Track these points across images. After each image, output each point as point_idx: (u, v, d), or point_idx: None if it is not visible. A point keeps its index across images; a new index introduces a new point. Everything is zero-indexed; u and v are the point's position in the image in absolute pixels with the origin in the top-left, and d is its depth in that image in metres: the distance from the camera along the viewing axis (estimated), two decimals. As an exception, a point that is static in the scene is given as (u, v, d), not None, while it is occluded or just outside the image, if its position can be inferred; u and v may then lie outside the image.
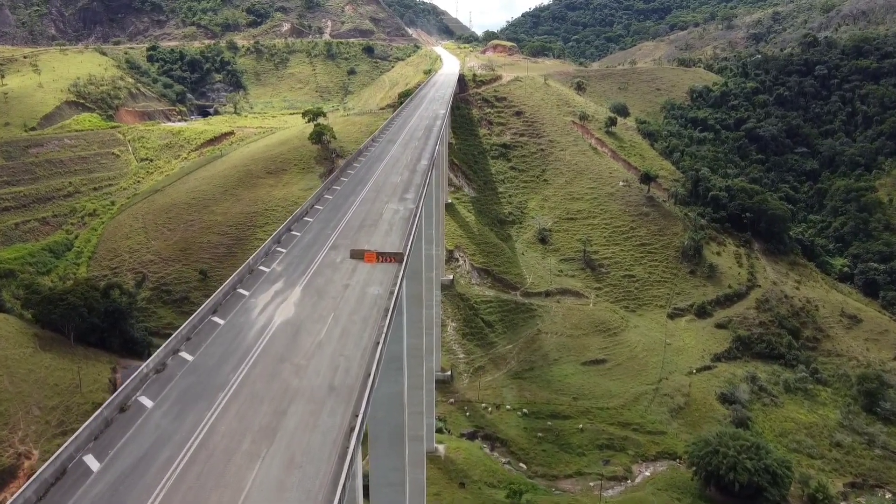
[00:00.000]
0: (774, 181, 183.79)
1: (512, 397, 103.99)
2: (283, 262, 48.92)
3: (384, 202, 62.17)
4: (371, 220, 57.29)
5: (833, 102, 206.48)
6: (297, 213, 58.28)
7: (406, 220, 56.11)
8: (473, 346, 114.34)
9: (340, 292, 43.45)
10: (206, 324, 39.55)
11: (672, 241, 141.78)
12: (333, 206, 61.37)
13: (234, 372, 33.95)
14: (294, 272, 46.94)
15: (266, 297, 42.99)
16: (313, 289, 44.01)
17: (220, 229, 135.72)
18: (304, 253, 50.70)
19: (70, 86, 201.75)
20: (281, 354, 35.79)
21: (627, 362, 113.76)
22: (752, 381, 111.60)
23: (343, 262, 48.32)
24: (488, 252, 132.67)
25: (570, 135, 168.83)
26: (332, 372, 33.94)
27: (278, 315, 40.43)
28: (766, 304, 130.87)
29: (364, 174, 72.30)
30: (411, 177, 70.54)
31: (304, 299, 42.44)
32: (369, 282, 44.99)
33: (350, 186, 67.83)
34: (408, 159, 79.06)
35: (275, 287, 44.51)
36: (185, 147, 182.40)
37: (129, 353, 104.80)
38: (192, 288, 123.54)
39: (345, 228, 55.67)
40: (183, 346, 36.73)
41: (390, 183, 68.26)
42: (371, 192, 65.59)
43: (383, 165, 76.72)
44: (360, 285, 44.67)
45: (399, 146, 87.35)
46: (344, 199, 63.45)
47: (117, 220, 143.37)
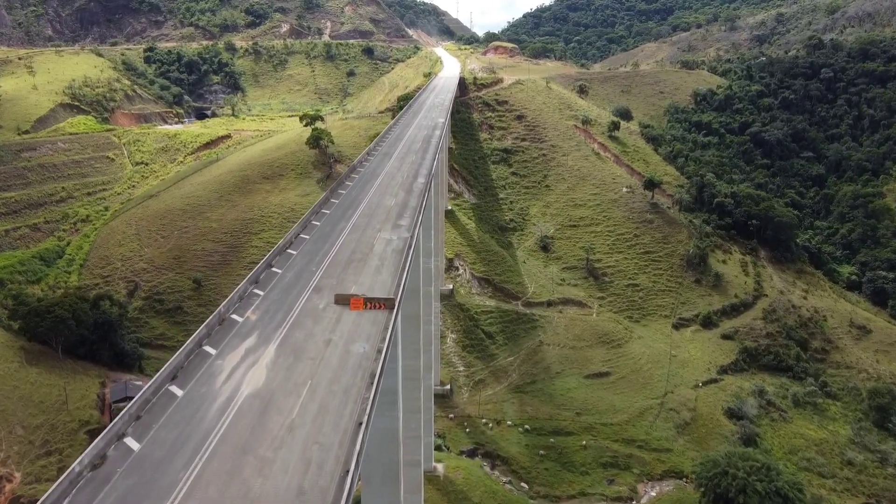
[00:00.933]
0: (780, 186, 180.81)
1: (513, 412, 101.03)
2: (258, 309, 43.47)
3: (376, 230, 57.75)
4: (361, 254, 52.67)
5: (839, 106, 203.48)
6: (281, 245, 53.47)
7: (399, 254, 51.87)
8: (474, 358, 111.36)
9: (320, 351, 38.07)
10: (161, 396, 33.85)
11: (677, 249, 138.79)
12: (321, 235, 56.66)
13: (186, 468, 28.61)
14: (270, 323, 41.48)
15: (235, 357, 37.43)
16: (290, 346, 38.55)
17: (215, 236, 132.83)
18: (283, 297, 45.31)
19: (65, 88, 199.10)
20: (244, 442, 30.41)
21: (632, 375, 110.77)
22: (759, 395, 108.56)
23: (326, 310, 42.83)
24: (489, 260, 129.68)
25: (572, 139, 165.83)
26: (304, 468, 28.76)
27: (246, 383, 34.86)
28: (774, 314, 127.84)
29: (356, 195, 67.87)
30: (407, 198, 66.42)
31: (278, 361, 37.05)
32: (354, 336, 39.78)
33: (340, 210, 63.39)
34: (404, 176, 75.05)
35: (246, 344, 38.82)
36: (181, 151, 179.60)
37: (119, 366, 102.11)
38: (185, 297, 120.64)
39: (331, 264, 50.60)
40: (130, 429, 31.26)
41: (384, 206, 63.97)
42: (363, 217, 61.36)
43: (378, 184, 72.62)
44: (343, 341, 39.24)
45: (395, 160, 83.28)
46: (333, 225, 58.88)
47: (110, 227, 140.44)
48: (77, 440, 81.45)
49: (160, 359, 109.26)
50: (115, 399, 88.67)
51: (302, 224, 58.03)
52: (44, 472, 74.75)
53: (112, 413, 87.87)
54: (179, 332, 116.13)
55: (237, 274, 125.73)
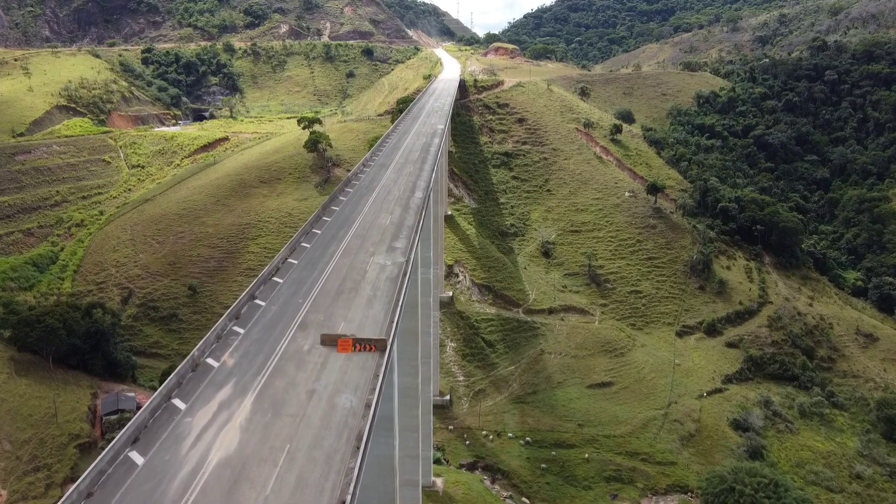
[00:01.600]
0: (784, 190, 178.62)
1: (514, 424, 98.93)
2: (237, 352, 38.44)
3: (369, 253, 53.79)
4: (352, 282, 48.27)
5: (843, 108, 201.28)
6: (265, 273, 48.85)
7: (394, 282, 47.86)
8: (474, 367, 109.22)
9: (302, 405, 33.43)
10: (119, 465, 29.59)
11: (680, 255, 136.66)
12: (310, 261, 52.13)
13: None
14: (248, 369, 36.74)
15: (206, 413, 32.95)
16: (268, 399, 33.94)
17: (211, 242, 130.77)
18: (265, 335, 40.49)
19: (61, 89, 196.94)
20: None
21: (635, 385, 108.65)
22: (765, 406, 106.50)
23: (312, 352, 38.23)
24: (489, 267, 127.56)
25: (574, 143, 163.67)
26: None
27: (217, 448, 30.38)
28: (779, 321, 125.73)
29: (350, 212, 63.72)
30: (403, 216, 62.35)
31: (255, 418, 32.67)
32: (341, 385, 35.20)
33: (332, 229, 59.20)
34: (400, 190, 71.31)
35: (220, 395, 34.21)
36: (178, 153, 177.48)
37: (111, 376, 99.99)
38: (180, 304, 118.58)
39: (319, 295, 46.03)
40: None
41: (378, 225, 59.93)
42: (356, 238, 57.23)
43: (373, 199, 68.63)
44: (328, 391, 34.62)
45: (392, 171, 79.81)
46: (323, 248, 54.64)
47: (105, 232, 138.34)
48: (66, 455, 79.36)
49: (154, 367, 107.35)
50: (107, 412, 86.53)
51: (290, 247, 54.33)
52: (31, 489, 72.69)
53: (103, 426, 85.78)
54: (174, 340, 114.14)
55: (233, 280, 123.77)
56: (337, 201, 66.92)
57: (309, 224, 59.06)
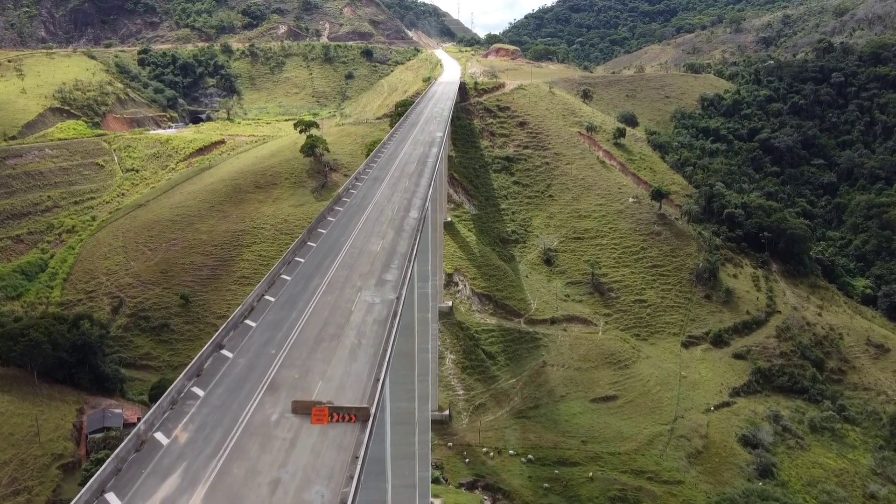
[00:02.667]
0: (790, 195, 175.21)
1: (515, 440, 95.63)
2: (192, 423, 31.75)
3: (356, 288, 47.84)
4: (335, 327, 42.09)
5: (851, 111, 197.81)
6: (237, 315, 42.15)
7: (382, 325, 42.02)
8: (474, 380, 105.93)
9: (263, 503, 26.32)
10: None
11: (685, 263, 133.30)
12: (289, 298, 46.01)
13: None
14: (204, 448, 29.79)
15: None
16: (223, 495, 26.50)
17: (205, 249, 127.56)
18: (227, 400, 33.68)
19: (55, 91, 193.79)
20: None
21: (640, 399, 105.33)
22: (774, 421, 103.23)
23: (280, 424, 31.75)
24: (490, 275, 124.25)
25: (576, 147, 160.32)
26: None
27: None
28: (787, 332, 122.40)
29: (338, 236, 57.90)
30: (396, 240, 56.65)
31: None
32: (312, 473, 27.93)
33: (317, 258, 53.19)
34: (394, 209, 65.82)
35: (164, 489, 26.74)
36: (173, 157, 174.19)
37: (99, 390, 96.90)
38: (172, 314, 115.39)
39: (296, 344, 39.64)
40: None
41: (368, 252, 54.22)
42: (342, 268, 51.27)
43: (364, 219, 62.86)
44: (296, 482, 27.32)
45: (387, 186, 74.19)
46: (305, 282, 48.52)
47: (96, 238, 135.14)
48: (48, 476, 76.20)
49: (144, 380, 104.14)
50: (92, 430, 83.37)
51: (269, 280, 48.17)
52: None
53: (88, 444, 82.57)
54: (165, 351, 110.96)
55: (227, 289, 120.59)
56: (325, 222, 61.68)
57: (292, 251, 53.70)
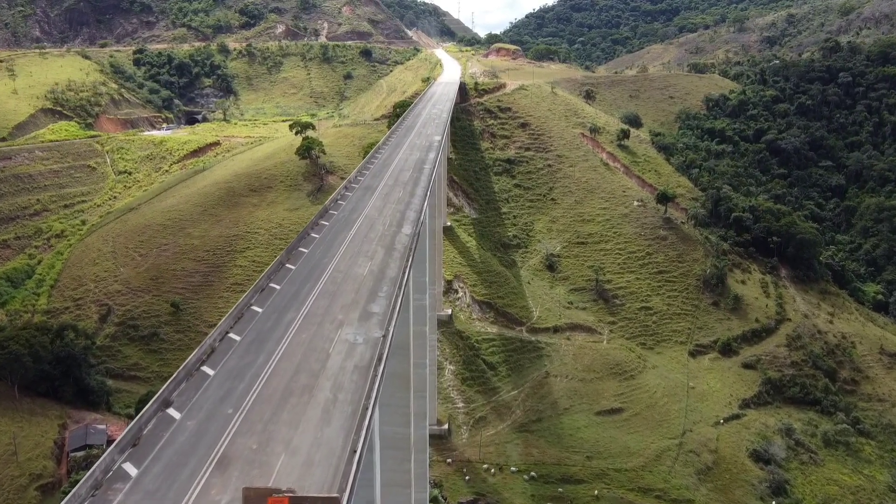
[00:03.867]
0: (798, 197, 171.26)
1: (517, 455, 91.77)
2: None
3: (337, 323, 40.96)
4: (307, 375, 34.76)
5: (859, 112, 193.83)
6: (192, 361, 35.12)
7: (365, 373, 34.54)
8: (474, 392, 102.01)
9: None
10: None
11: (692, 269, 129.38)
12: (257, 336, 38.87)
13: None
14: None
15: None
16: None
17: (197, 255, 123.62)
18: (164, 483, 26.64)
19: (47, 92, 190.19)
20: None
21: (646, 411, 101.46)
22: (787, 434, 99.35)
23: None
24: (491, 282, 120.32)
25: (579, 149, 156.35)
26: None
27: None
28: (798, 340, 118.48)
29: (321, 256, 51.78)
30: (386, 261, 50.94)
31: None
32: None
33: (294, 284, 46.78)
34: (386, 224, 59.97)
35: None
36: (166, 159, 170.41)
37: (84, 404, 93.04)
38: (162, 323, 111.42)
39: (258, 400, 32.60)
40: None
41: (353, 277, 48.07)
42: (322, 297, 44.73)
43: (351, 236, 56.68)
44: None
45: (379, 197, 68.08)
46: (278, 316, 41.61)
47: (85, 243, 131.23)
48: (26, 498, 72.41)
49: (132, 392, 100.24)
50: (74, 448, 79.51)
51: (236, 313, 41.11)
52: (-18, 540, 65.68)
53: (69, 464, 78.71)
54: (154, 361, 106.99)
55: (219, 296, 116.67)
56: (308, 239, 55.14)
57: (266, 276, 47.14)
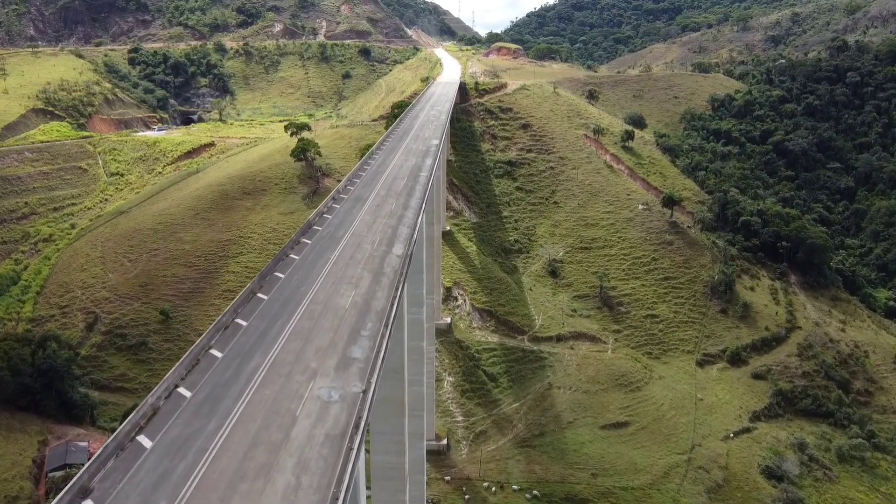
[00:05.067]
0: (806, 200, 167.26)
1: (519, 472, 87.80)
2: None
3: (309, 372, 33.20)
4: (266, 450, 26.98)
5: (868, 113, 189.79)
6: (125, 430, 27.50)
7: (338, 445, 27.25)
8: (474, 405, 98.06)
9: None
10: None
11: (699, 275, 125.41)
12: (210, 394, 30.90)
13: None
14: None
15: None
16: None
17: (188, 260, 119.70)
18: None
19: (39, 92, 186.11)
20: None
21: (653, 425, 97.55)
22: (800, 450, 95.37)
23: None
24: (491, 289, 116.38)
25: (582, 151, 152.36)
26: None
27: None
28: (810, 349, 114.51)
29: (298, 284, 44.42)
30: (372, 289, 43.64)
31: None
32: None
33: (264, 320, 39.00)
34: (375, 243, 52.95)
35: None
36: (160, 160, 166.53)
37: (67, 418, 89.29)
38: (150, 331, 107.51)
39: (200, 488, 24.79)
40: None
41: (334, 310, 40.45)
42: (295, 338, 36.80)
43: (335, 258, 49.36)
44: None
45: (368, 211, 60.83)
46: (239, 364, 33.74)
47: (74, 248, 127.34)
48: (0, 522, 68.52)
49: (118, 404, 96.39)
50: (53, 467, 75.61)
51: (190, 361, 33.10)
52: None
53: (47, 484, 74.82)
54: (142, 371, 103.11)
55: (210, 304, 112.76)
56: (286, 262, 48.05)
57: (233, 310, 39.36)
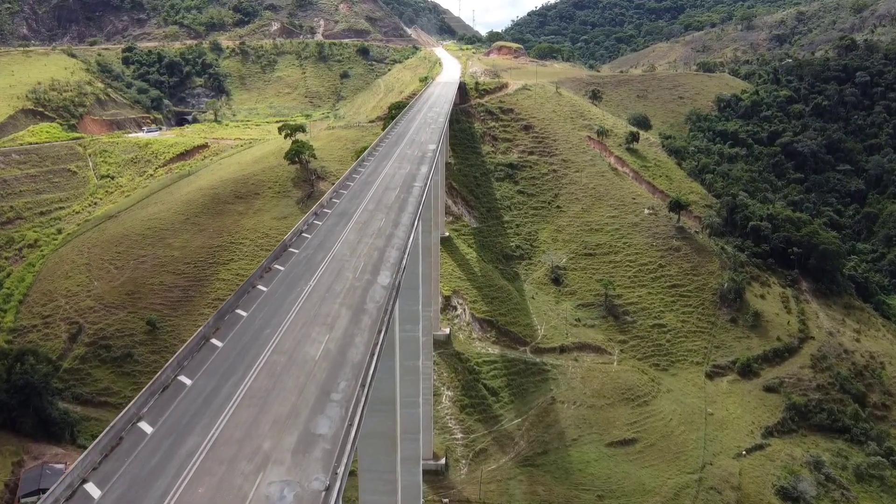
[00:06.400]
0: (815, 203, 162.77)
1: (521, 494, 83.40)
2: None
3: (260, 456, 25.23)
4: None
5: (878, 113, 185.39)
6: None
7: None
8: (474, 421, 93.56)
9: None
10: None
11: (708, 282, 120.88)
12: (128, 489, 23.78)
13: None
14: None
15: None
16: None
17: (177, 267, 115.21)
18: None
19: (28, 92, 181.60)
20: None
21: (662, 442, 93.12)
22: (816, 469, 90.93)
23: None
24: (492, 298, 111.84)
25: (586, 153, 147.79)
26: None
27: None
28: (823, 361, 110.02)
29: (262, 325, 36.97)
30: (350, 332, 35.38)
31: None
32: None
33: (213, 378, 31.09)
34: (358, 269, 44.87)
35: None
36: (151, 162, 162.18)
37: (45, 436, 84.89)
38: (136, 342, 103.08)
39: None
40: None
41: (301, 363, 32.34)
42: (248, 404, 29.01)
43: (309, 291, 41.38)
44: None
45: (353, 229, 52.50)
46: (172, 444, 26.07)
47: (59, 254, 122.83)
48: (-34, 554, 64.08)
49: (101, 420, 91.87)
50: (25, 492, 71.14)
51: (108, 443, 25.72)
52: None
53: (19, 510, 70.40)
54: (127, 385, 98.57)
55: (199, 313, 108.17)
56: (252, 295, 40.39)
57: (176, 363, 32.00)
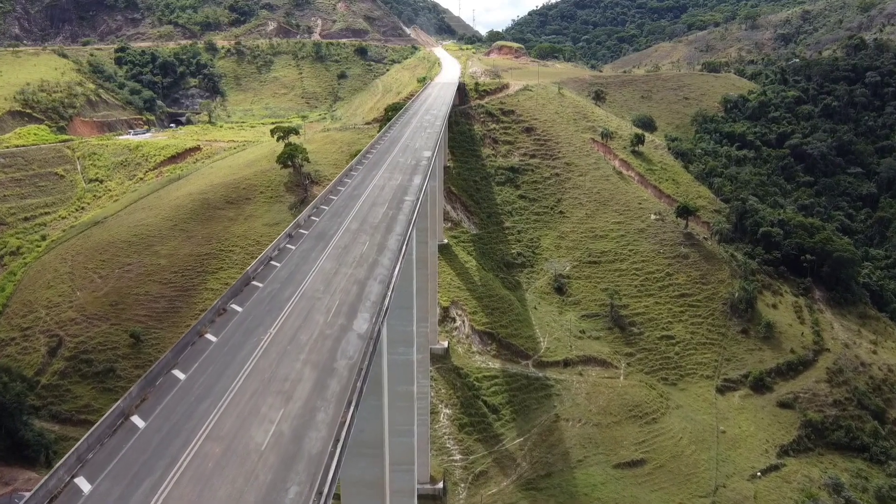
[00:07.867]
0: (826, 207, 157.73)
1: (524, 521, 78.46)
2: None
3: None
4: None
5: (889, 114, 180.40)
6: None
7: None
8: (473, 441, 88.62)
9: None
10: None
11: (718, 291, 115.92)
12: None
13: None
14: None
15: None
16: None
17: (163, 276, 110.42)
18: None
19: (16, 93, 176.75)
20: None
21: (671, 462, 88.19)
22: (835, 491, 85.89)
23: None
24: (493, 308, 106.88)
25: (589, 156, 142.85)
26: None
27: None
28: (840, 375, 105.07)
29: (202, 394, 29.03)
30: (310, 405, 27.43)
31: None
32: None
33: (118, 485, 23.98)
34: (332, 310, 36.24)
35: None
36: (142, 165, 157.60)
37: (17, 460, 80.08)
38: (119, 356, 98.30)
39: None
40: None
41: (242, 453, 25.29)
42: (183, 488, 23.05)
43: (268, 340, 33.04)
44: None
45: (331, 256, 44.14)
46: None
47: (42, 262, 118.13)
48: None
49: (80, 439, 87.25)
50: (-9, 524, 66.42)
51: None
52: None
53: (-16, 545, 65.59)
54: (109, 401, 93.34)
55: (185, 325, 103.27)
56: (195, 349, 32.21)
57: (74, 457, 25.11)
